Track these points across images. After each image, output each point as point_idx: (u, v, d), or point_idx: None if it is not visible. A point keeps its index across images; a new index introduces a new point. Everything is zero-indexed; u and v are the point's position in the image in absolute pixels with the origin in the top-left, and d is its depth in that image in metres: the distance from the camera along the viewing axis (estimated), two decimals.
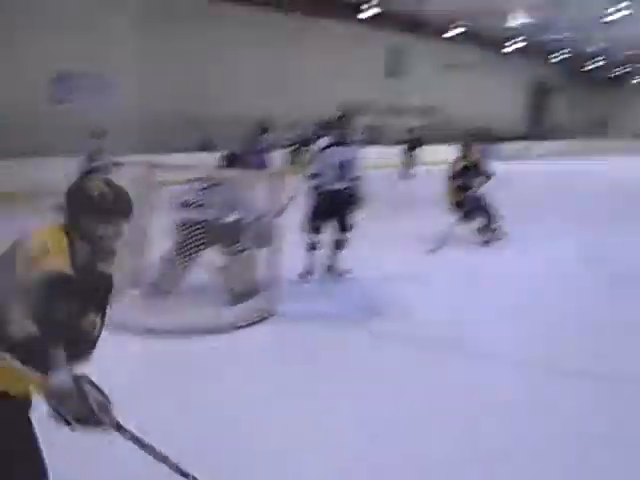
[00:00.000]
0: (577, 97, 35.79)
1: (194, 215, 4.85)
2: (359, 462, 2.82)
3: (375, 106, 23.03)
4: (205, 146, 16.18)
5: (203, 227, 4.79)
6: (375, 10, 17.77)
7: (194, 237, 4.80)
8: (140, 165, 4.97)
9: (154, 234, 4.97)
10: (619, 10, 17.74)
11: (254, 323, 4.48)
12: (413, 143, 18.10)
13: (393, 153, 18.13)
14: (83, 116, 13.36)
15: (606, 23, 21.40)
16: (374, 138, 22.19)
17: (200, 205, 4.87)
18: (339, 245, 5.93)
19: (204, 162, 10.22)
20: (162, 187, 4.81)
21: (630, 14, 18.53)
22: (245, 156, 14.12)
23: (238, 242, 4.91)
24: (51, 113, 13.52)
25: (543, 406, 3.46)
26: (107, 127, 13.22)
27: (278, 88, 18.18)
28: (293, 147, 18.46)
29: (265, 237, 4.86)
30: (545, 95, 33.85)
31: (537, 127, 32.00)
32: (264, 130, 17.88)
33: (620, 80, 33.72)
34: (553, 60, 27.69)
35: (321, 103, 19.73)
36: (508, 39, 23.55)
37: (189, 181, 5.12)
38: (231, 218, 4.89)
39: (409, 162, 17.76)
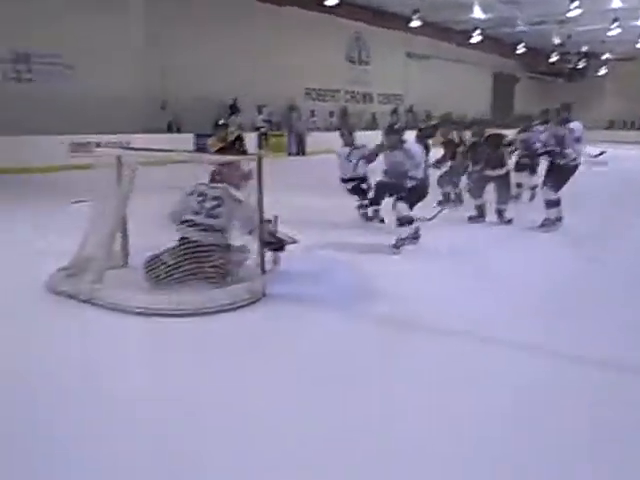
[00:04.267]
0: (540, 88, 36.92)
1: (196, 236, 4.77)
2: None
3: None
4: (172, 127, 16.85)
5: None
6: None
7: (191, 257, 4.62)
8: (116, 145, 5.08)
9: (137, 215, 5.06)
10: (577, 8, 18.62)
11: (245, 305, 4.41)
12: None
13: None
14: (42, 95, 13.80)
15: (563, 21, 22.55)
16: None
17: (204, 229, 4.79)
18: None
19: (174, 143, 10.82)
20: (138, 167, 4.84)
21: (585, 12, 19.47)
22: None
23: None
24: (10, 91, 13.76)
25: None
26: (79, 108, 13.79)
27: (244, 72, 18.54)
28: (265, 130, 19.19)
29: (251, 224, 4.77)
30: (510, 86, 34.93)
31: (503, 117, 32.92)
32: (233, 112, 18.61)
33: (580, 73, 34.86)
34: (517, 52, 28.50)
35: (287, 88, 20.43)
36: (471, 31, 24.25)
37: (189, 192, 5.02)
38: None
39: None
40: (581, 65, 33.37)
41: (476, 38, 24.69)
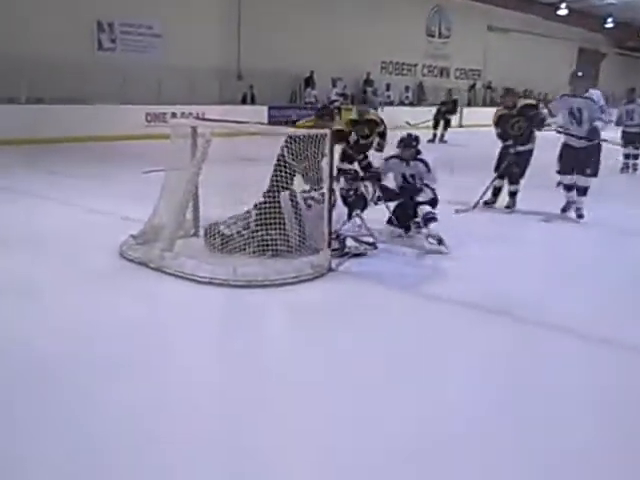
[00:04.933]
0: (628, 65, 35.17)
1: None
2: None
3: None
4: (247, 99, 16.98)
5: None
6: None
7: None
8: (191, 116, 5.13)
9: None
10: None
11: (310, 279, 4.43)
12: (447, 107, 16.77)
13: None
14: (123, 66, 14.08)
15: None
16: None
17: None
18: None
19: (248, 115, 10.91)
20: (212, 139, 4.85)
21: None
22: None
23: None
24: (94, 61, 14.04)
25: None
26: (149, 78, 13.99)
27: (319, 44, 18.45)
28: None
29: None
30: (595, 62, 33.40)
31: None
32: (308, 85, 18.59)
33: None
34: (606, 25, 27.25)
35: (363, 61, 20.20)
36: (558, 3, 23.31)
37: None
38: None
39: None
40: None
41: (562, 11, 23.71)
